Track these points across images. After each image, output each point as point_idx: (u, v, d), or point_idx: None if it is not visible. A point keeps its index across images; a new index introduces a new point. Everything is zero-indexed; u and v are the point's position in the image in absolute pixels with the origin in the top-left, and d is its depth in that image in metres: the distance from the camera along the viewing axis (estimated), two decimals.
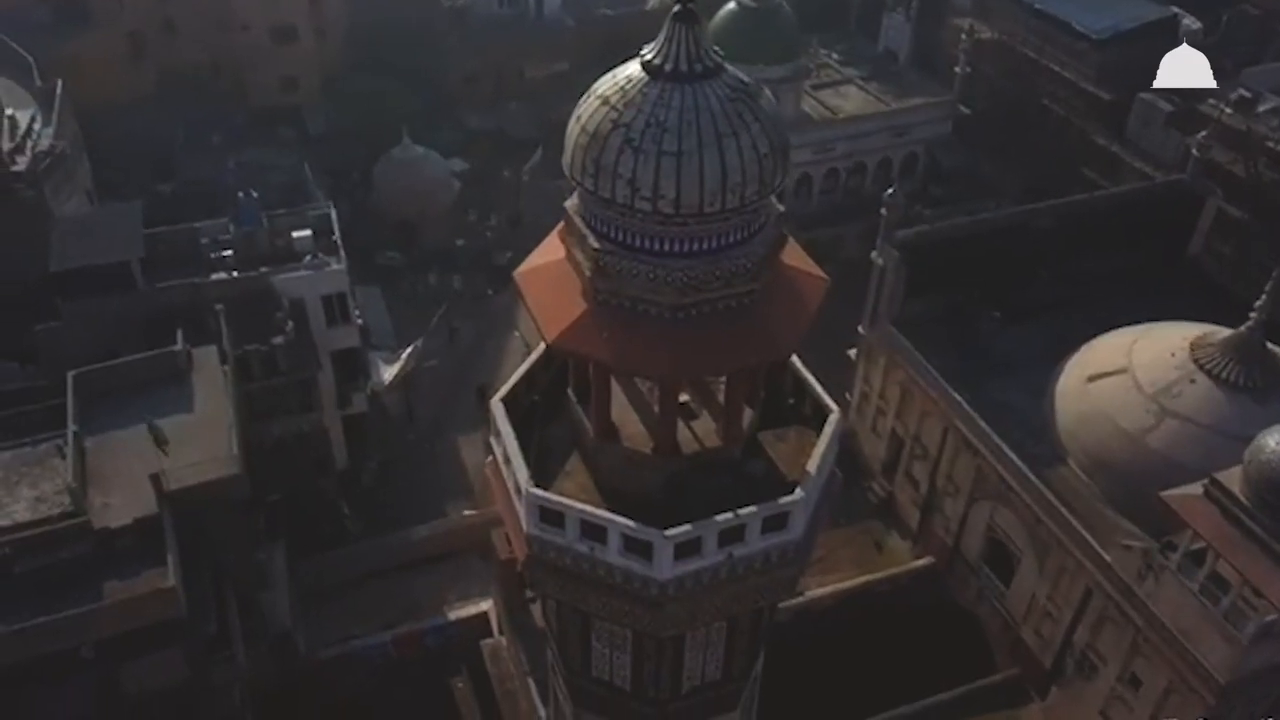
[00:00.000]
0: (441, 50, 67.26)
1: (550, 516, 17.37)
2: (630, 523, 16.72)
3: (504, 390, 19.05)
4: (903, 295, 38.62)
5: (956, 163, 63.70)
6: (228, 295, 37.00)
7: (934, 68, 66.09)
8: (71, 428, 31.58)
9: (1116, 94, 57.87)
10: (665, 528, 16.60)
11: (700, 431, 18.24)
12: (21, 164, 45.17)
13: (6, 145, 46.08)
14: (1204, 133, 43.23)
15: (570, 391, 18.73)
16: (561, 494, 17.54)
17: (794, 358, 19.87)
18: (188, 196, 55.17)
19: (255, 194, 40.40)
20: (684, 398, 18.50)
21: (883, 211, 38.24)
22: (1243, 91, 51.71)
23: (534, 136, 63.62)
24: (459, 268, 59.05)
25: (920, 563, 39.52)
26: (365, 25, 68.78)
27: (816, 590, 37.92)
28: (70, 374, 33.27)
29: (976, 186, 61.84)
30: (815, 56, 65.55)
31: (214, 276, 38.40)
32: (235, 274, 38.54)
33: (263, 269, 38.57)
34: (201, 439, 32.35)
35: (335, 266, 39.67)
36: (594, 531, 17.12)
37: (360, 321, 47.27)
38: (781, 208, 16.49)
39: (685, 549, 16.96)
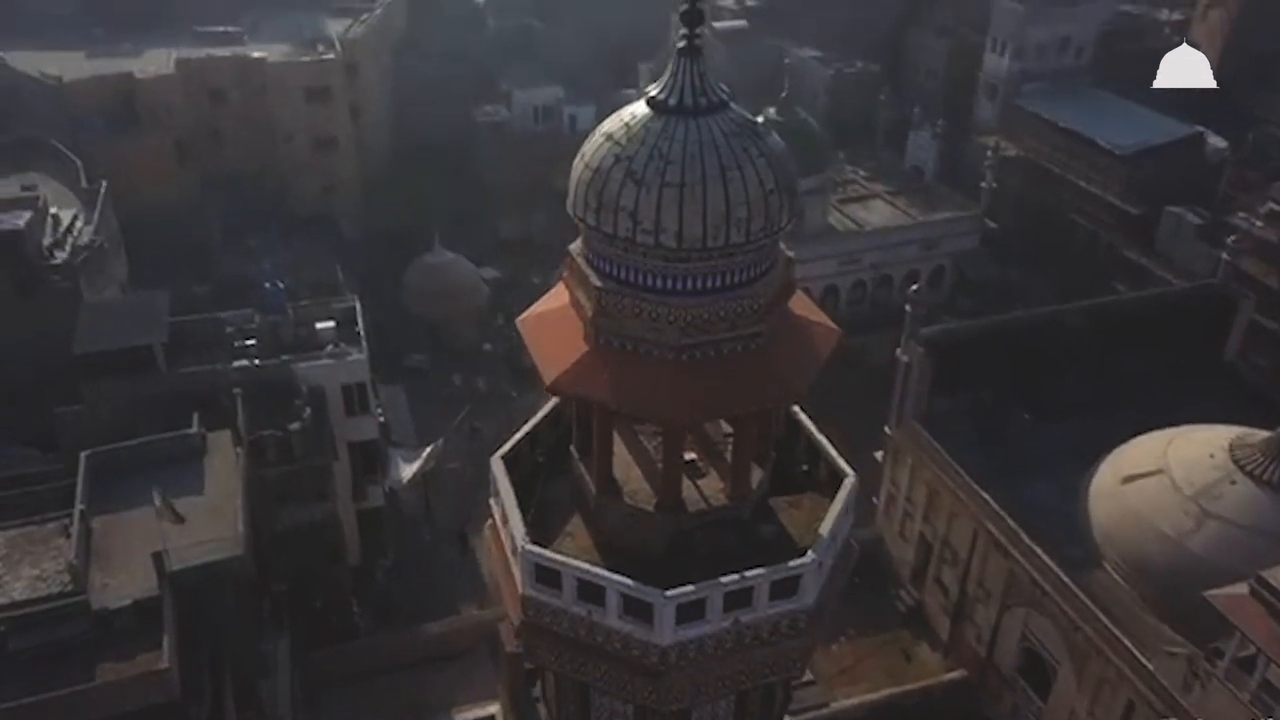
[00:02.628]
0: (476, 161, 69.05)
1: (547, 576, 16.51)
2: (629, 581, 15.83)
3: (506, 447, 18.45)
4: (929, 392, 37.90)
5: (985, 276, 63.62)
6: (248, 381, 36.94)
7: (960, 183, 66.76)
8: (79, 506, 31.12)
9: (1144, 208, 58.11)
10: (667, 589, 15.70)
11: (707, 490, 17.44)
12: (60, 258, 46.24)
13: (47, 240, 47.36)
14: (1234, 237, 42.85)
15: (573, 448, 18.10)
16: (560, 554, 16.72)
17: (809, 421, 19.23)
18: (223, 297, 56.06)
19: (282, 284, 40.77)
20: (691, 455, 17.79)
21: (907, 309, 37.86)
22: (1273, 205, 51.54)
23: (563, 246, 64.34)
24: (484, 370, 59.13)
25: (951, 675, 37.62)
26: (404, 137, 70.94)
27: (843, 702, 36.06)
28: (83, 453, 33.01)
29: (1005, 299, 61.50)
30: (842, 172, 66.54)
31: (236, 364, 38.40)
32: (257, 362, 38.55)
33: (284, 357, 38.58)
34: (210, 521, 31.75)
35: (356, 356, 39.68)
36: (592, 592, 16.21)
37: (382, 418, 47.10)
38: (791, 253, 16.09)
39: (688, 612, 15.97)
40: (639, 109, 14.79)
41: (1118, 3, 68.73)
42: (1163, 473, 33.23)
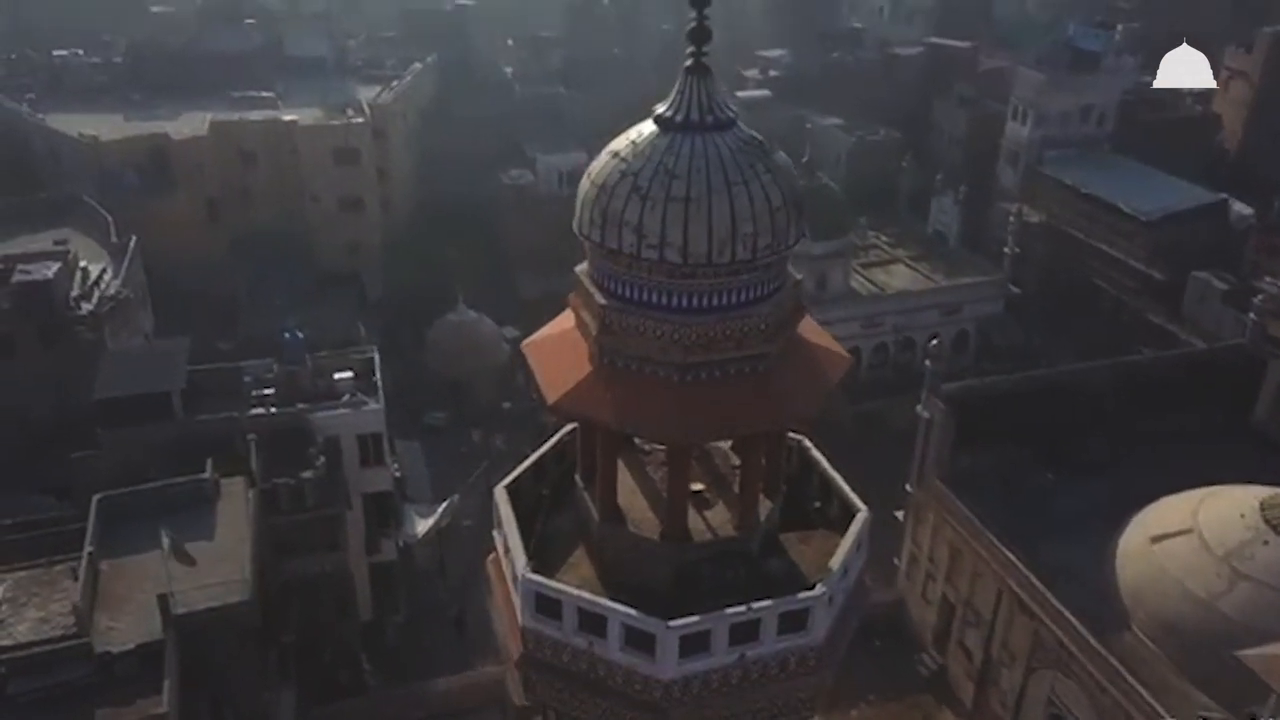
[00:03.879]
0: (500, 223, 69.77)
1: (547, 606, 16.05)
2: (631, 611, 15.34)
3: (509, 478, 18.14)
4: (950, 450, 37.19)
5: (1009, 341, 63.01)
6: (263, 429, 36.88)
7: (984, 249, 66.71)
8: (87, 548, 30.92)
9: (1169, 273, 57.65)
10: (671, 620, 15.19)
11: (714, 521, 16.99)
12: (85, 309, 46.81)
13: (75, 292, 48.02)
14: (1261, 296, 42.27)
15: (578, 476, 17.74)
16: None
17: (821, 457, 18.79)
18: (246, 353, 56.36)
19: (300, 334, 40.92)
20: (698, 486, 17.40)
21: (927, 363, 37.42)
22: None
23: None
24: (503, 428, 58.84)
25: None
26: (429, 198, 71.89)
27: None
28: (95, 497, 32.91)
29: (1030, 364, 60.75)
30: (864, 236, 66.61)
31: (252, 412, 38.40)
32: (273, 410, 38.54)
33: (300, 405, 38.56)
34: (218, 566, 31.43)
35: (373, 405, 39.58)
36: (593, 622, 15.72)
37: (398, 473, 46.81)
38: (799, 276, 15.86)
39: (692, 644, 15.43)
40: (646, 127, 14.77)
41: (1138, 74, 69.00)
42: (1193, 533, 32.29)
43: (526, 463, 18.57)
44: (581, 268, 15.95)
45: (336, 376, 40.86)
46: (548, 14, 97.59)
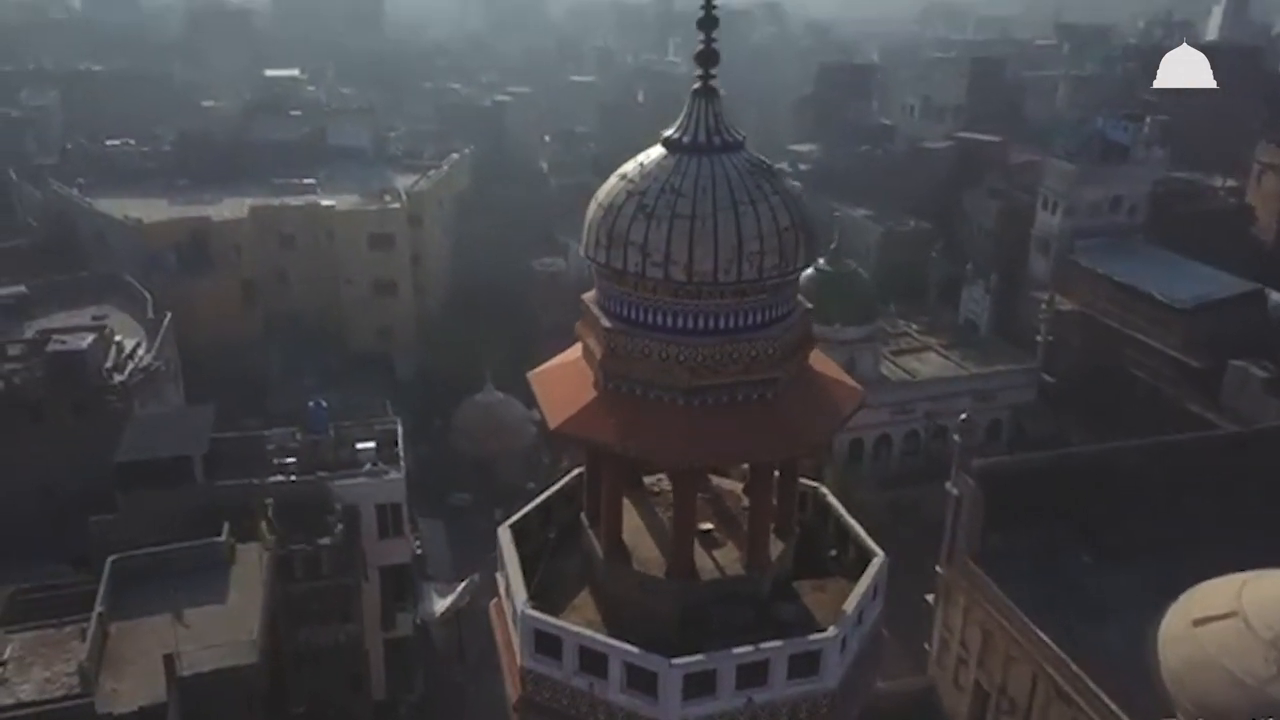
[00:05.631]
0: (530, 306, 70.33)
1: (547, 645, 15.45)
2: (633, 648, 14.69)
3: (514, 518, 17.71)
4: (981, 528, 36.03)
5: (1044, 431, 61.74)
6: (282, 495, 36.66)
7: (1015, 338, 65.99)
8: (97, 609, 30.57)
9: (1206, 362, 56.55)
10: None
11: (723, 560, 16.39)
12: (117, 380, 47.38)
13: (109, 364, 48.72)
14: None
15: (583, 516, 17.25)
16: None
17: (838, 504, 18.19)
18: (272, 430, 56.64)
19: (325, 404, 40.99)
20: (707, 526, 16.84)
21: (956, 437, 36.62)
22: None
23: None
24: None
25: None
26: (462, 283, 72.77)
27: None
28: (109, 558, 32.67)
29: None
30: (894, 324, 66.29)
31: (273, 479, 38.25)
32: (293, 478, 38.37)
33: (320, 473, 38.38)
34: (227, 629, 30.85)
35: (394, 475, 39.32)
36: (594, 661, 15.09)
37: (419, 550, 46.24)
38: (809, 305, 15.57)
39: (697, 685, 14.72)
40: (655, 150, 14.76)
41: (1168, 166, 69.16)
42: (1237, 616, 30.59)
43: (533, 504, 18.12)
44: (589, 295, 15.80)
45: (359, 446, 40.75)
46: (582, 110, 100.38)
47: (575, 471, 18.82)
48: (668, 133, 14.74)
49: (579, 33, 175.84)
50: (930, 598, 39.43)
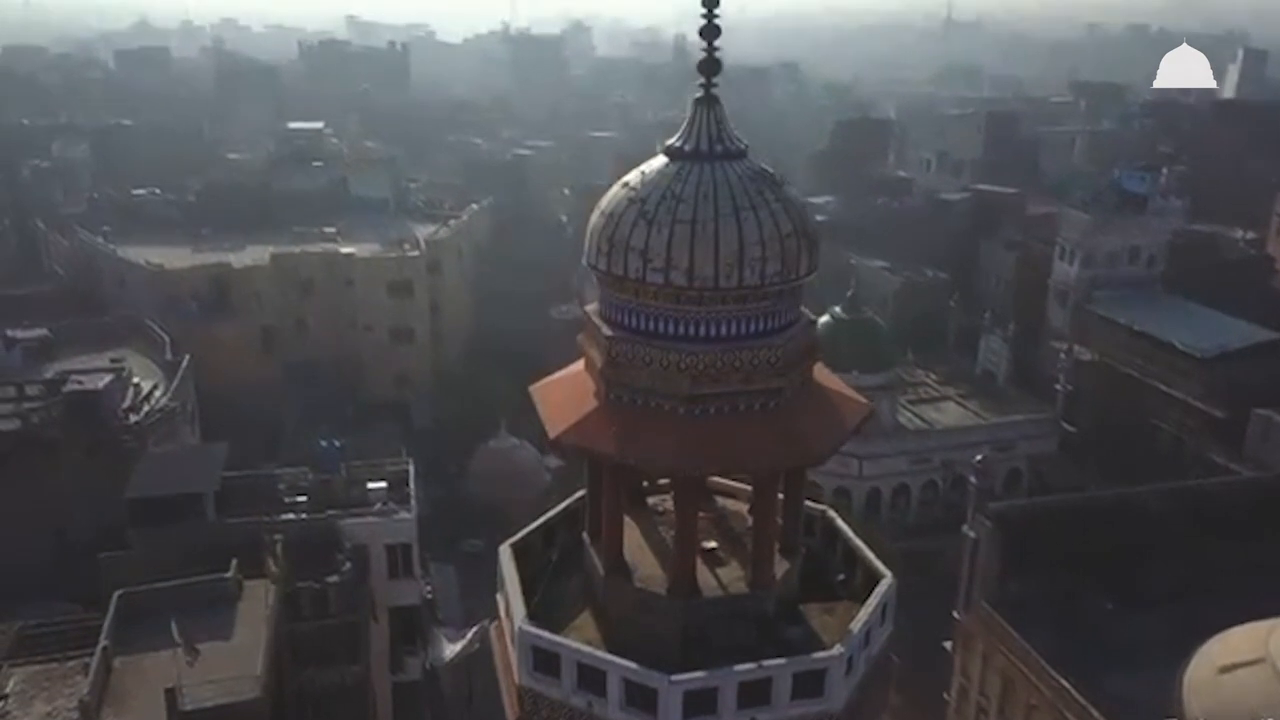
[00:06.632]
0: (547, 353, 70.32)
1: (545, 662, 15.13)
2: (632, 664, 14.33)
3: (516, 537, 17.46)
4: (999, 572, 35.36)
5: (1065, 481, 60.86)
6: (291, 533, 36.42)
7: (1034, 388, 65.38)
8: (102, 643, 30.23)
9: (1229, 411, 55.83)
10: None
11: (726, 578, 16.06)
12: (133, 420, 47.58)
13: (125, 404, 48.99)
14: None
15: (585, 534, 16.99)
16: None
17: (846, 526, 17.85)
18: None
19: (337, 443, 40.92)
20: (711, 544, 16.53)
21: (972, 479, 36.10)
22: None
23: None
24: None
25: None
26: (480, 331, 73.00)
27: None
28: (116, 593, 32.45)
29: None
30: (912, 373, 65.89)
31: (283, 517, 38.07)
32: (304, 516, 38.19)
33: (331, 512, 38.18)
34: (231, 665, 30.40)
35: (404, 515, 39.02)
36: (592, 679, 14.72)
37: (430, 594, 45.79)
38: (813, 317, 15.42)
39: (697, 703, 14.34)
40: (657, 159, 14.78)
41: (1186, 218, 69.01)
42: (1265, 662, 29.66)
43: (535, 524, 17.89)
44: (591, 306, 15.73)
45: (370, 486, 40.54)
46: (602, 164, 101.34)
47: (578, 494, 18.59)
48: (670, 141, 14.77)
49: (600, 89, 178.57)
50: (948, 645, 38.59)
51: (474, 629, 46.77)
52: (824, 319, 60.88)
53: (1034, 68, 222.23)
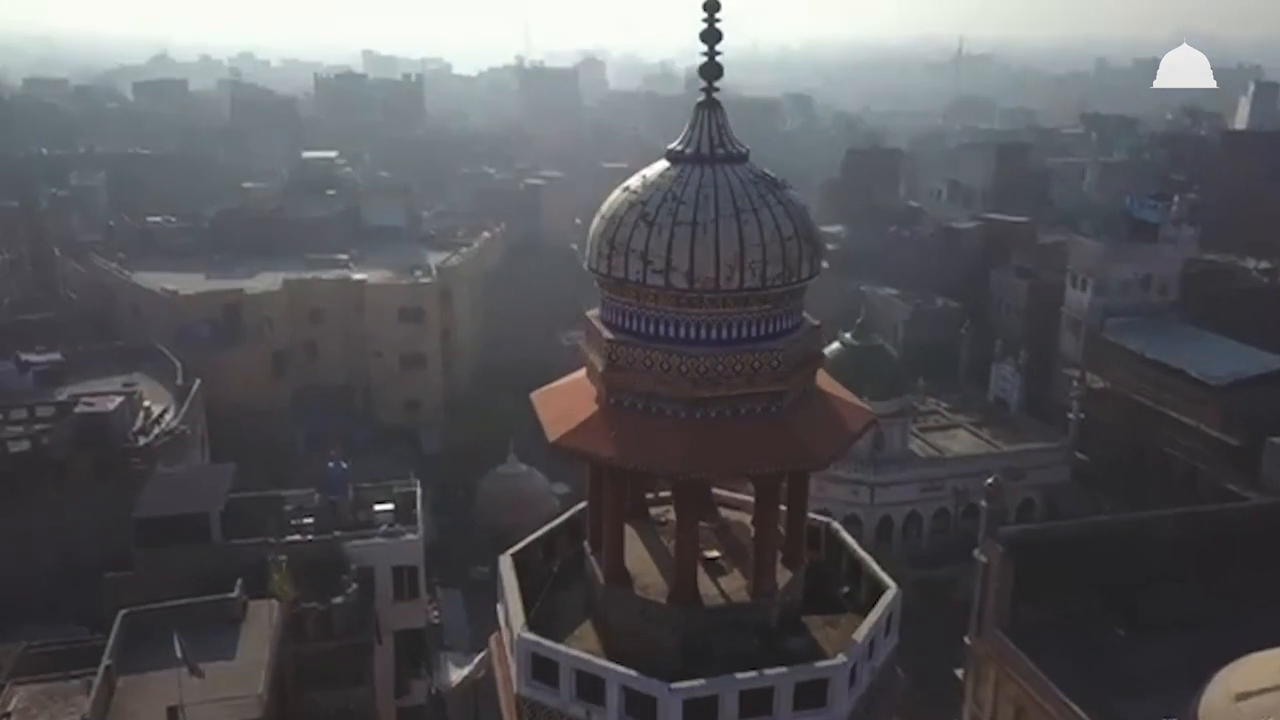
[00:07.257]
0: (556, 379, 70.37)
1: (544, 670, 14.94)
2: (631, 672, 14.13)
3: (517, 547, 17.32)
4: (1011, 598, 34.89)
5: (1079, 509, 60.27)
6: (297, 555, 36.31)
7: (1047, 416, 64.99)
8: (104, 663, 30.14)
9: (1244, 439, 55.21)
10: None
11: (728, 587, 15.87)
12: (142, 442, 47.71)
13: (136, 427, 49.16)
14: None
15: (586, 544, 16.84)
16: None
17: (850, 539, 17.65)
18: None
19: (345, 465, 40.91)
20: (714, 554, 16.35)
21: (983, 503, 35.75)
22: None
23: None
24: None
25: None
26: (490, 358, 73.07)
27: None
28: (121, 612, 32.37)
29: None
30: (923, 401, 65.57)
31: (289, 538, 37.99)
32: (310, 537, 38.11)
33: (337, 533, 38.08)
34: (234, 685, 30.24)
35: (410, 537, 38.92)
36: (591, 687, 14.52)
37: (437, 619, 45.52)
38: (816, 322, 15.34)
39: (698, 712, 14.08)
40: (659, 163, 14.78)
41: (1198, 247, 68.76)
42: None
43: (535, 535, 17.76)
44: (592, 311, 15.69)
45: (377, 508, 40.49)
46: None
47: (579, 506, 18.47)
48: (671, 145, 14.79)
49: (613, 120, 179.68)
50: (960, 672, 38.05)
51: (480, 655, 46.37)
52: (834, 345, 60.76)
53: (1044, 100, 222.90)
